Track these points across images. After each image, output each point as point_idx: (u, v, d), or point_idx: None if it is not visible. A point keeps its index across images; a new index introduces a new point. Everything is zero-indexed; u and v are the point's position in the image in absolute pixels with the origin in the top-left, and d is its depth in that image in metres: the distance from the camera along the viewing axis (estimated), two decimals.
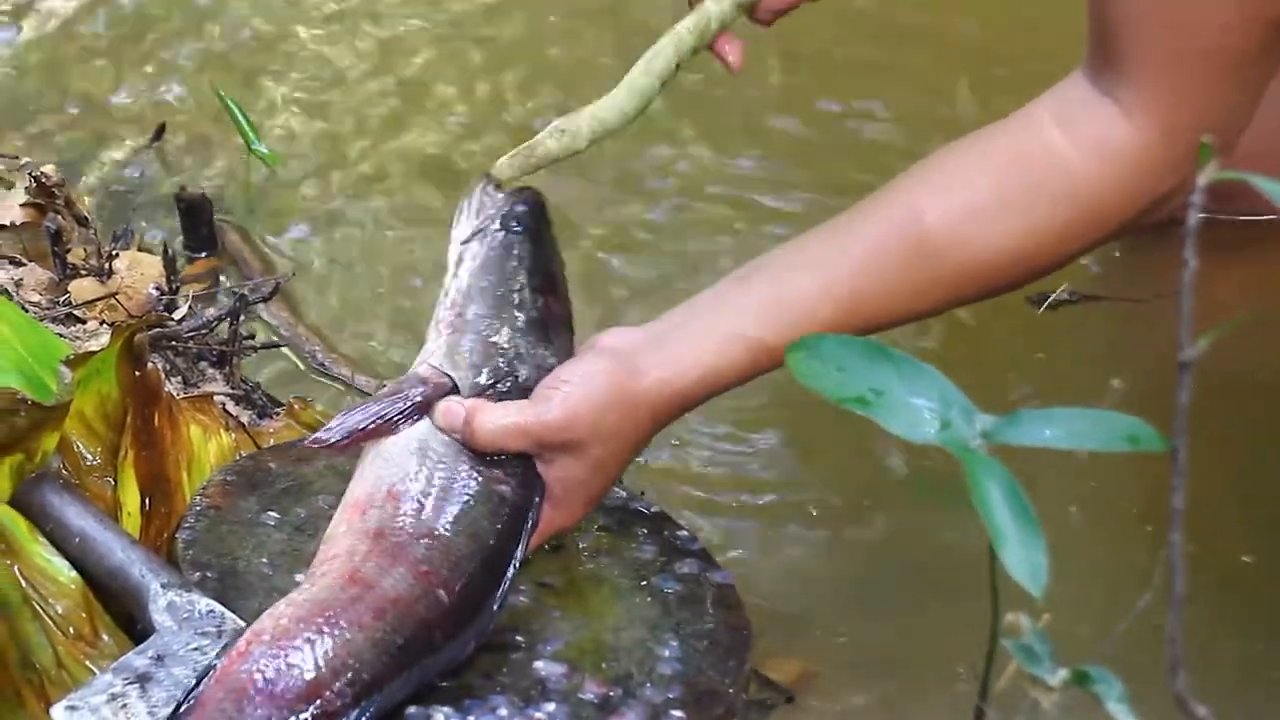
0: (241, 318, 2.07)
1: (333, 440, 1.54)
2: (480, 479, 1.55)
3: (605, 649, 1.56)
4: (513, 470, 1.57)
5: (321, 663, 1.41)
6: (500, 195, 1.64)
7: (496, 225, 1.64)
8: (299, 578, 1.59)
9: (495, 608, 1.53)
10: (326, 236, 2.41)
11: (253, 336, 2.13)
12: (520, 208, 1.64)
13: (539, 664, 1.53)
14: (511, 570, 1.54)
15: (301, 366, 2.16)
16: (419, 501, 1.53)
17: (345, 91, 2.70)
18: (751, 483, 1.99)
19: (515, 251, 1.63)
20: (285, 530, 1.65)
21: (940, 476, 1.92)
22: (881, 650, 1.78)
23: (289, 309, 2.23)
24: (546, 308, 1.63)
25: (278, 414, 1.96)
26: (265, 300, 2.17)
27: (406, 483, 1.54)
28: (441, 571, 1.49)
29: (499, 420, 1.56)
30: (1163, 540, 1.12)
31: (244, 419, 1.93)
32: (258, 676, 1.40)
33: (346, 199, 2.48)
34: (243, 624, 1.51)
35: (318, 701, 1.40)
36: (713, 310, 1.61)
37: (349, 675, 1.42)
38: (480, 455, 1.56)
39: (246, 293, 2.12)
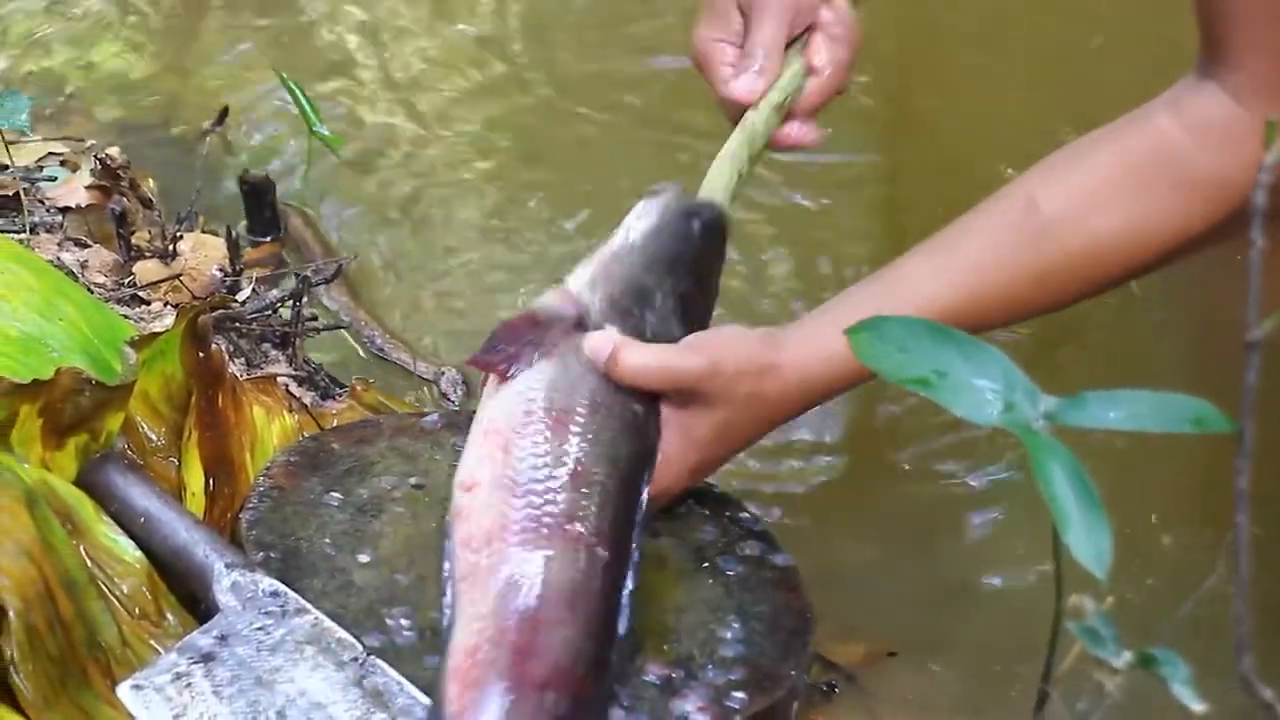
0: (304, 300, 2.08)
1: (491, 360, 1.53)
2: (609, 427, 1.54)
3: (667, 630, 1.56)
4: (640, 424, 1.56)
5: (533, 665, 1.40)
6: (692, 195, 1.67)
7: (680, 208, 1.64)
8: (362, 558, 1.60)
9: (635, 546, 1.51)
10: (388, 220, 2.42)
11: (315, 319, 2.14)
12: (708, 210, 1.65)
13: None
14: (643, 504, 1.54)
15: (360, 352, 2.17)
16: (561, 422, 1.52)
17: (409, 76, 2.71)
18: (814, 467, 1.99)
19: (687, 235, 1.63)
20: (348, 511, 1.66)
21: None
22: (944, 633, 1.78)
23: (349, 292, 2.24)
24: (693, 294, 1.63)
25: (340, 395, 1.97)
26: (327, 283, 2.18)
27: (547, 398, 1.53)
28: (590, 525, 1.48)
29: (645, 357, 1.56)
30: (1227, 522, 1.12)
31: (307, 400, 1.94)
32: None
33: (409, 182, 2.49)
34: (305, 603, 1.52)
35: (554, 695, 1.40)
36: (843, 302, 1.62)
37: (568, 664, 1.41)
38: (599, 406, 1.54)
39: (309, 275, 2.13)
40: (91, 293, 2.00)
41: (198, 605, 1.58)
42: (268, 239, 2.34)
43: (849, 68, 1.76)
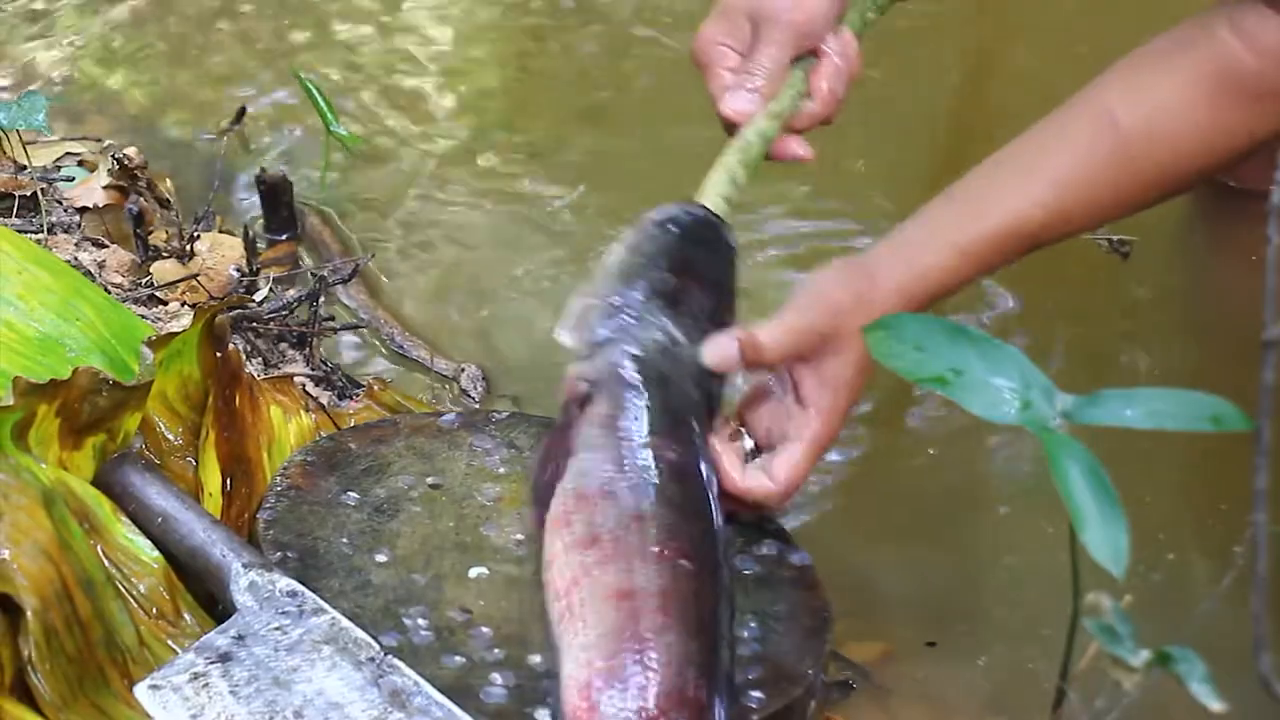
0: (321, 299, 2.08)
1: (538, 503, 1.54)
2: (646, 453, 1.55)
3: None
4: (674, 439, 1.57)
5: (655, 679, 1.40)
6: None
7: (654, 217, 1.67)
8: (380, 557, 1.60)
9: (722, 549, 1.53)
10: (405, 219, 2.42)
11: (332, 318, 2.14)
12: (683, 213, 1.68)
13: None
14: (717, 511, 1.55)
15: (381, 350, 2.17)
16: (609, 493, 1.52)
17: (424, 73, 2.71)
18: (830, 464, 1.98)
19: (659, 239, 1.65)
20: (365, 511, 1.66)
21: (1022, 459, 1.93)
22: (962, 631, 1.78)
23: (367, 291, 2.24)
24: (681, 288, 1.64)
25: (358, 395, 1.97)
26: (344, 282, 2.18)
27: (588, 480, 1.54)
28: (671, 543, 1.49)
29: (775, 329, 1.61)
30: (1244, 521, 1.12)
31: (324, 400, 1.94)
32: None
33: (426, 181, 2.49)
34: (322, 603, 1.52)
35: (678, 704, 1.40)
36: (924, 221, 1.67)
37: (685, 674, 1.41)
38: (633, 436, 1.56)
39: (326, 274, 2.13)
40: (109, 293, 2.01)
41: (215, 605, 1.59)
42: (285, 238, 2.34)
43: (842, 101, 1.81)
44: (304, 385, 1.95)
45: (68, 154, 2.40)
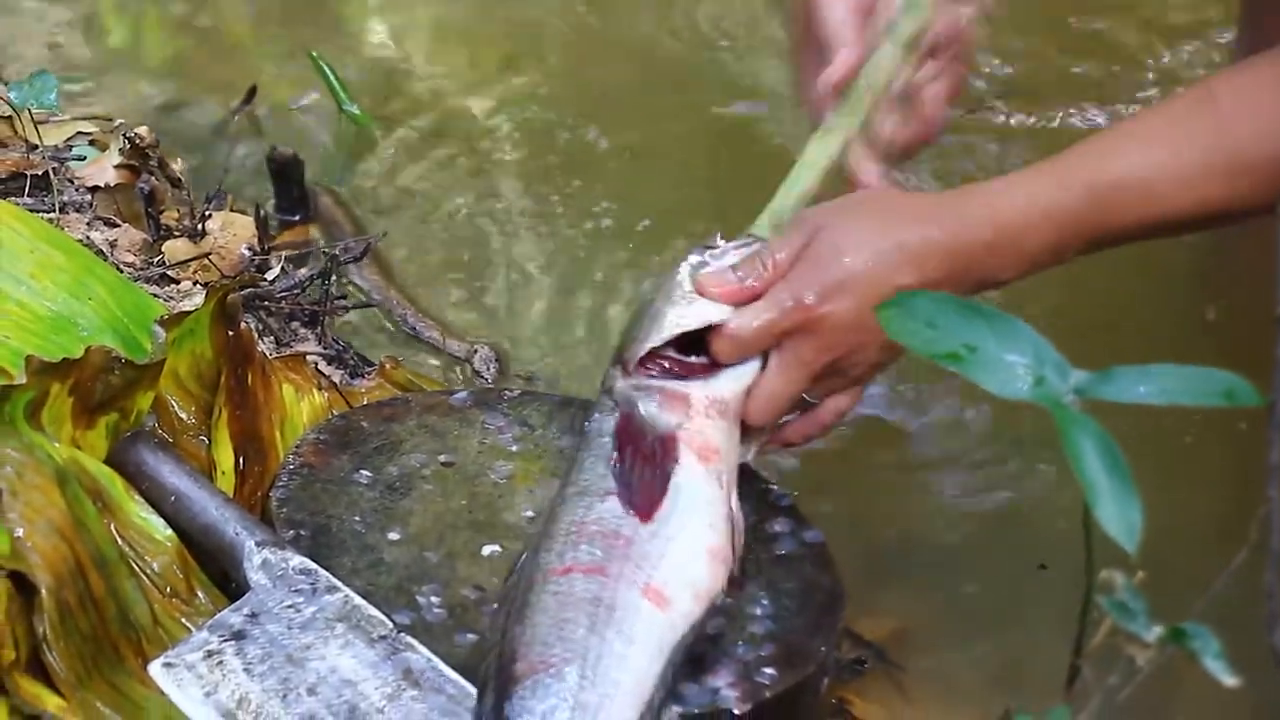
0: (333, 278, 2.08)
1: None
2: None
3: None
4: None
5: None
6: None
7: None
8: (392, 535, 1.60)
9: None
10: (417, 198, 2.42)
11: (344, 297, 2.14)
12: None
13: None
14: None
15: (391, 328, 2.17)
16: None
17: (439, 52, 2.71)
18: (843, 438, 1.98)
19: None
20: (378, 489, 1.66)
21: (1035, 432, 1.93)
22: (975, 608, 1.78)
23: (380, 271, 2.24)
24: None
25: (369, 373, 1.97)
26: (356, 261, 2.18)
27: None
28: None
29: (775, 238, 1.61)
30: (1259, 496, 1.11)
31: (336, 378, 1.94)
32: None
33: (437, 161, 2.49)
34: (336, 581, 1.52)
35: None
36: (1013, 179, 1.62)
37: None
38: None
39: (338, 253, 2.13)
40: (121, 272, 2.01)
41: (228, 583, 1.59)
42: (297, 217, 2.34)
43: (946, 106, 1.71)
44: (316, 364, 1.95)
45: (79, 133, 2.40)
